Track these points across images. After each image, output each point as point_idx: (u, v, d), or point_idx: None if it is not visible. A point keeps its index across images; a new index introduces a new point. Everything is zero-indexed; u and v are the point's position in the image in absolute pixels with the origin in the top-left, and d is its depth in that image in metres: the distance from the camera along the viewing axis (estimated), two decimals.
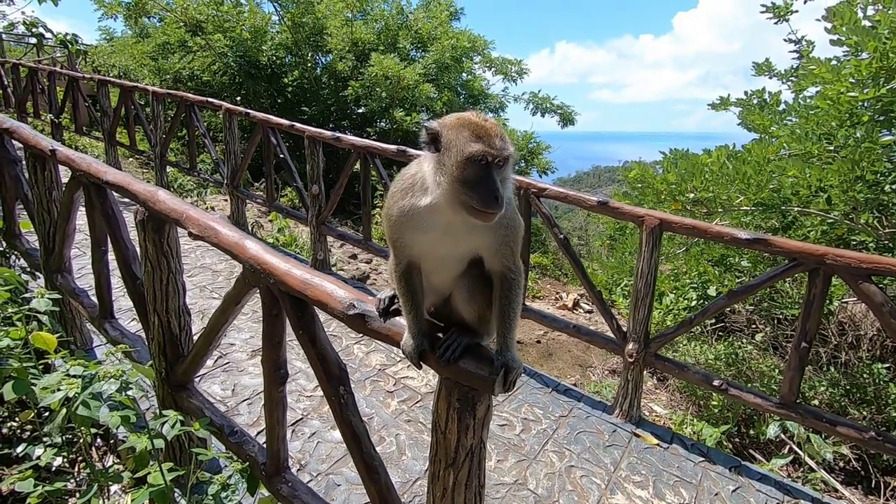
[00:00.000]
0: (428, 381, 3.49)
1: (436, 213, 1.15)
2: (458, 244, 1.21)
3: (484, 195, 1.04)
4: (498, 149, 1.06)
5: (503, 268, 1.22)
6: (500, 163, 1.07)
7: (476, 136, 1.07)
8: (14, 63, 10.15)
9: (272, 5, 10.60)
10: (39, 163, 2.94)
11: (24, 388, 2.30)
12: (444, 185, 1.09)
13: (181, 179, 7.64)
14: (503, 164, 1.09)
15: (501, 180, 1.08)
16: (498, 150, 1.06)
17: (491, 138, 1.07)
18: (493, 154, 1.06)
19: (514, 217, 1.20)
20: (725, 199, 4.47)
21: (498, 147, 1.06)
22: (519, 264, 1.25)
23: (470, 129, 1.08)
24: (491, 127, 1.10)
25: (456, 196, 1.07)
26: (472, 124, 1.09)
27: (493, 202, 1.04)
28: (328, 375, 1.58)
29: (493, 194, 1.04)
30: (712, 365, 4.98)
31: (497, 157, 1.06)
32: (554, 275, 8.96)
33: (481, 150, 1.05)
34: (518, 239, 1.22)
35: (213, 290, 4.38)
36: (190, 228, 1.86)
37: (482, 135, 1.07)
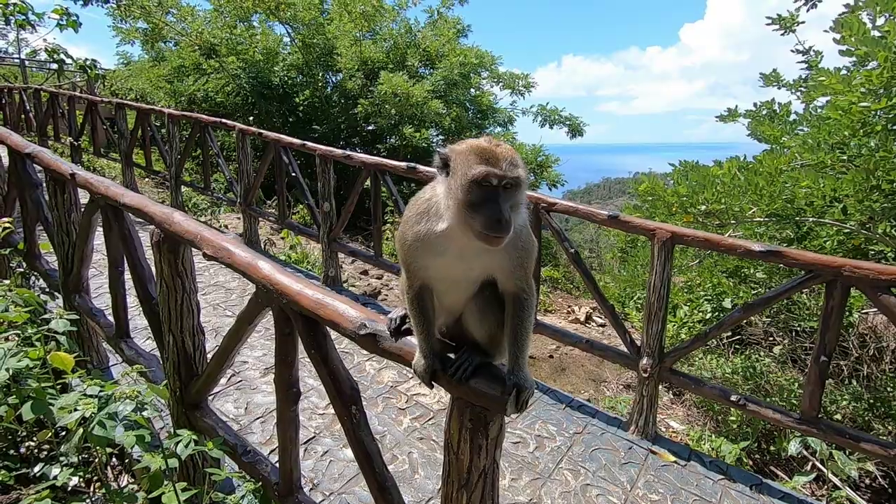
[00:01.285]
0: (440, 398, 3.47)
1: (450, 237, 1.15)
2: (471, 267, 1.20)
3: (488, 219, 1.03)
4: (503, 171, 1.05)
5: (517, 289, 1.22)
6: (507, 185, 1.06)
7: (482, 159, 1.07)
8: (36, 88, 10.48)
9: (284, 27, 10.86)
10: (59, 186, 3.02)
11: (43, 408, 2.33)
12: (453, 208, 1.09)
13: (196, 198, 7.78)
14: (512, 188, 1.07)
15: (512, 205, 1.07)
16: (503, 172, 1.05)
17: (497, 161, 1.06)
18: (498, 176, 1.05)
19: (528, 239, 1.20)
20: (738, 210, 4.43)
21: (503, 169, 1.05)
22: (531, 284, 1.25)
23: (477, 153, 1.08)
24: (500, 151, 1.09)
25: (463, 219, 1.07)
26: (480, 148, 1.09)
27: (497, 225, 1.02)
28: (340, 395, 1.58)
29: (496, 217, 1.02)
30: (729, 379, 4.89)
31: (503, 180, 1.05)
32: (565, 288, 8.90)
33: (485, 171, 1.05)
34: (532, 260, 1.22)
35: (227, 308, 4.43)
36: (204, 249, 1.89)
37: (488, 158, 1.07)
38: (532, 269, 1.24)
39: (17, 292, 2.89)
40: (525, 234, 1.18)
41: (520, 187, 1.09)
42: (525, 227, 1.19)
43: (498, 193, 1.05)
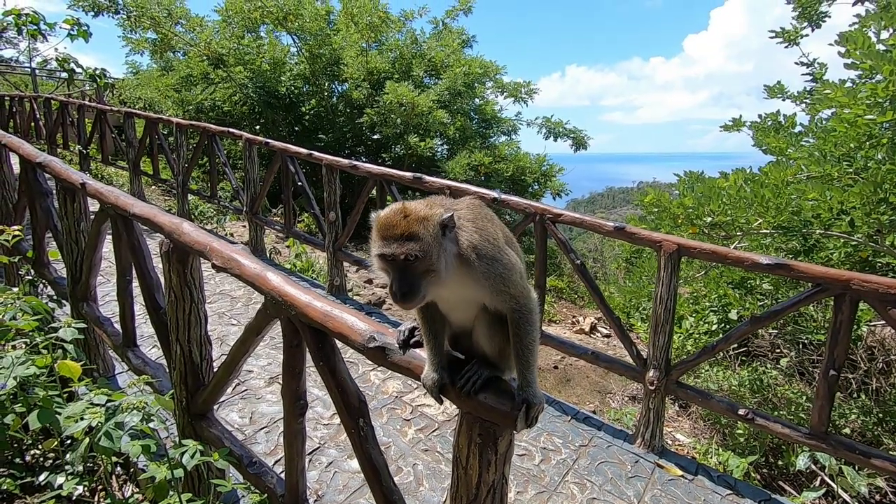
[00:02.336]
0: (445, 409, 3.46)
1: None
2: (454, 293, 1.21)
3: (392, 289, 1.08)
4: (394, 250, 1.06)
5: (508, 308, 1.22)
6: (406, 259, 1.07)
7: (380, 237, 1.10)
8: (46, 97, 10.62)
9: (291, 38, 10.97)
10: (70, 195, 3.05)
11: (49, 417, 2.34)
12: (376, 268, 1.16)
13: (202, 207, 7.83)
14: (415, 260, 1.07)
15: (423, 271, 1.08)
16: (393, 252, 1.06)
17: (392, 239, 1.08)
18: (386, 253, 1.07)
19: (496, 264, 1.18)
20: (744, 222, 4.43)
21: (391, 247, 1.07)
22: (526, 300, 1.22)
23: (379, 229, 1.11)
24: (398, 226, 1.08)
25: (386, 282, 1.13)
26: (382, 224, 1.11)
27: (395, 297, 1.07)
28: (348, 407, 1.58)
29: (394, 290, 1.07)
30: (736, 392, 4.84)
31: (396, 255, 1.06)
32: (570, 298, 8.88)
33: (380, 252, 1.09)
34: (511, 279, 1.19)
35: (232, 317, 4.44)
36: (213, 260, 1.90)
37: (385, 236, 1.09)
38: (520, 286, 1.21)
39: (26, 300, 2.91)
40: (498, 261, 1.18)
41: (424, 258, 1.08)
42: (498, 254, 1.18)
43: (397, 266, 1.08)
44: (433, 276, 1.10)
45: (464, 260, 1.16)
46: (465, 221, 1.20)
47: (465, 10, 12.15)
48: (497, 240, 1.21)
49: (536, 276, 3.68)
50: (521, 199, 3.72)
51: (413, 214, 1.10)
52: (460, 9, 12.12)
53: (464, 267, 1.16)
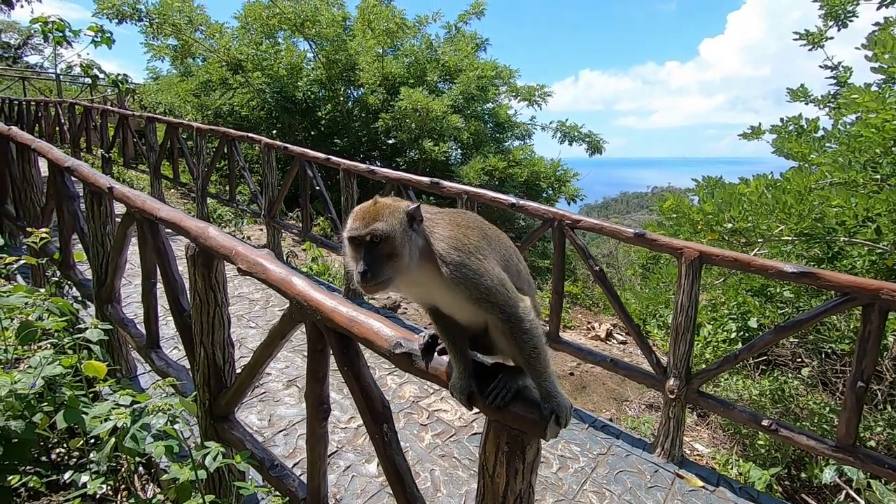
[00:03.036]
0: (461, 414, 3.45)
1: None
2: (434, 297, 1.25)
3: (357, 271, 1.14)
4: (357, 229, 1.15)
5: (495, 319, 1.21)
6: (371, 240, 1.13)
7: (350, 222, 1.18)
8: (71, 102, 10.88)
9: (307, 43, 11.11)
10: (96, 199, 3.11)
11: (76, 416, 2.39)
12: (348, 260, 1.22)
13: (220, 210, 7.94)
14: (380, 241, 1.13)
15: (388, 255, 1.14)
16: (356, 231, 1.15)
17: (355, 221, 1.16)
18: (353, 234, 1.15)
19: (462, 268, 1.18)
20: (765, 228, 4.35)
21: (357, 227, 1.15)
22: (513, 309, 1.20)
23: (350, 216, 1.19)
24: (366, 209, 1.18)
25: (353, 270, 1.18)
26: (354, 212, 1.19)
27: (360, 277, 1.13)
28: (372, 413, 1.58)
29: (359, 270, 1.13)
30: (757, 401, 4.75)
31: (361, 236, 1.14)
32: (585, 304, 8.81)
33: (347, 234, 1.17)
34: (483, 285, 1.18)
35: (251, 319, 4.48)
36: (239, 264, 1.93)
37: (354, 220, 1.17)
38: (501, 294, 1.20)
39: (53, 301, 2.98)
40: (465, 266, 1.18)
41: (388, 239, 1.14)
42: (465, 259, 1.19)
43: (363, 248, 1.14)
44: (397, 260, 1.15)
45: (432, 260, 1.19)
46: (440, 227, 1.24)
47: (477, 13, 12.19)
48: (467, 245, 1.21)
49: (554, 282, 3.66)
50: (538, 204, 3.70)
51: (381, 203, 1.20)
52: (473, 12, 12.16)
53: (432, 267, 1.19)
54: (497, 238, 1.33)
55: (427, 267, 1.20)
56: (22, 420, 2.39)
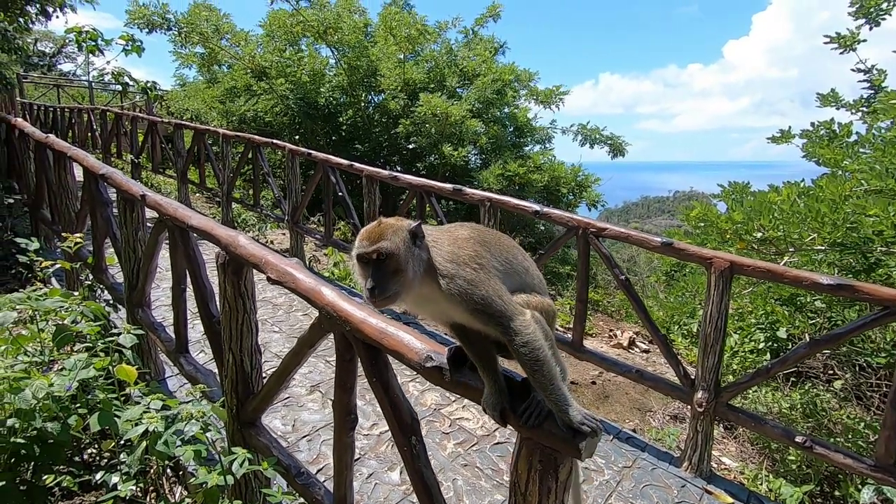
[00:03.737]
0: (483, 423, 3.43)
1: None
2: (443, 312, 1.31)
3: (366, 287, 1.21)
4: (364, 248, 1.22)
5: (496, 333, 1.22)
6: (377, 258, 1.20)
7: (358, 242, 1.25)
8: (103, 109, 11.23)
9: (330, 50, 11.26)
10: (129, 205, 3.20)
11: (109, 419, 2.44)
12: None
13: (244, 214, 8.08)
14: (385, 259, 1.20)
15: (393, 271, 1.21)
16: (364, 249, 1.22)
17: (362, 241, 1.24)
18: (361, 252, 1.22)
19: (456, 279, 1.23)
20: (797, 237, 4.23)
21: (364, 246, 1.22)
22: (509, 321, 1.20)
23: (358, 237, 1.26)
24: (371, 230, 1.25)
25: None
26: (361, 233, 1.27)
27: (369, 293, 1.20)
28: (400, 424, 1.58)
29: (367, 287, 1.20)
30: (787, 415, 4.61)
31: (368, 254, 1.21)
32: (606, 311, 8.68)
33: (356, 253, 1.24)
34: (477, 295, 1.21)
35: (274, 324, 4.54)
36: (269, 273, 1.95)
37: (362, 240, 1.24)
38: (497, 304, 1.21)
39: (86, 304, 3.06)
40: (459, 276, 1.23)
41: (392, 256, 1.21)
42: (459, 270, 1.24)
43: (371, 266, 1.21)
44: (402, 276, 1.21)
45: (433, 275, 1.25)
46: (440, 242, 1.29)
47: (493, 16, 12.19)
48: (461, 257, 1.26)
49: (578, 290, 3.62)
50: (562, 212, 3.67)
51: (386, 223, 1.27)
52: (489, 15, 12.17)
53: (434, 282, 1.25)
54: (497, 244, 1.37)
55: (430, 282, 1.25)
56: (57, 422, 2.47)
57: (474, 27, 12.27)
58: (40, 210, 5.46)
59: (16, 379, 2.43)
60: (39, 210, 5.48)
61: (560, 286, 9.23)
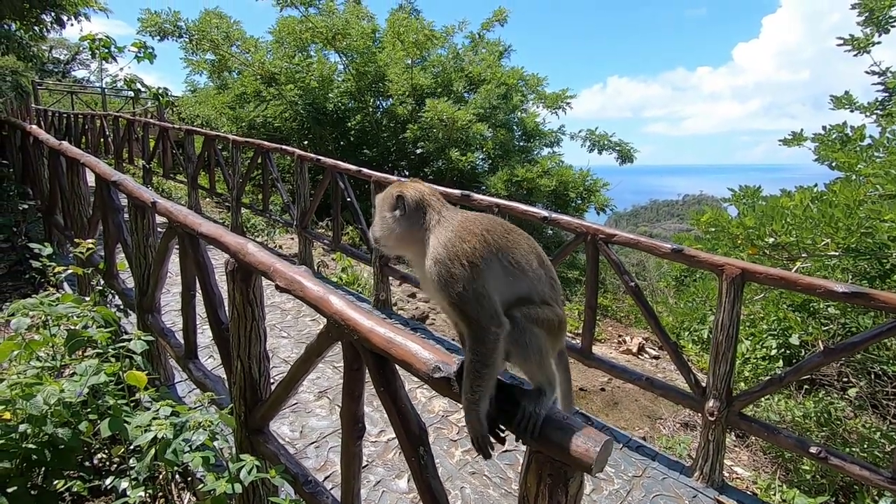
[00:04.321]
0: None
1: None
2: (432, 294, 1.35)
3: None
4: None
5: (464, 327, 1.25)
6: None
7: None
8: (115, 116, 11.38)
9: (338, 56, 11.34)
10: (140, 212, 3.23)
11: (119, 425, 2.46)
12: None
13: (254, 220, 8.13)
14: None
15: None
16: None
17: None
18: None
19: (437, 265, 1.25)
20: (809, 243, 4.17)
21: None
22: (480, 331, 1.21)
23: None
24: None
25: None
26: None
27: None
28: (408, 434, 1.57)
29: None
30: (801, 424, 4.53)
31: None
32: (615, 316, 8.62)
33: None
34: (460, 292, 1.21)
35: (282, 329, 4.55)
36: (277, 281, 1.95)
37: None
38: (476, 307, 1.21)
39: (98, 310, 3.09)
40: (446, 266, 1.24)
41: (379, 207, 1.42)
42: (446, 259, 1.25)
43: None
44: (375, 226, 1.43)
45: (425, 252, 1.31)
46: (446, 226, 1.30)
47: (500, 20, 12.20)
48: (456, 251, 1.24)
49: (587, 297, 3.59)
50: (571, 218, 3.65)
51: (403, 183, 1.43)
52: (495, 20, 12.19)
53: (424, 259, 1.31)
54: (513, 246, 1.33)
55: (422, 260, 1.31)
56: (69, 427, 2.48)
57: (481, 31, 12.28)
58: (53, 215, 5.54)
59: (28, 385, 2.46)
60: (53, 215, 5.56)
61: (568, 291, 9.18)
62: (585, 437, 1.13)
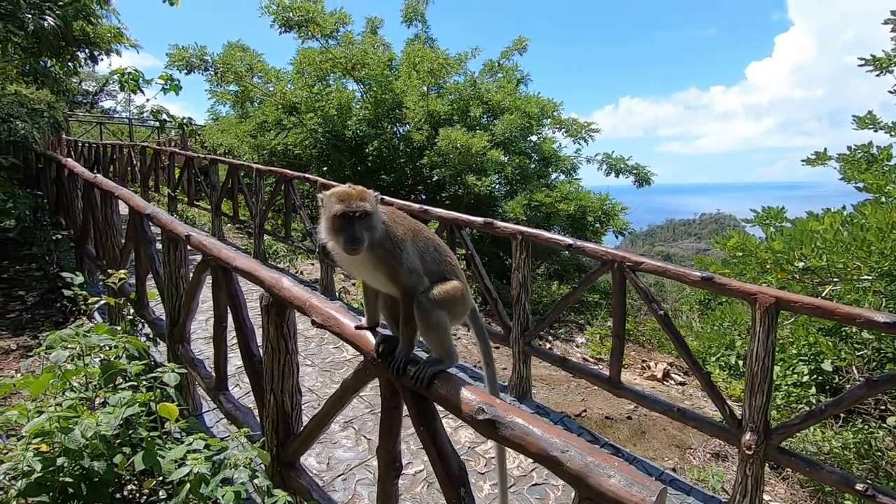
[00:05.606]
0: (520, 462, 3.34)
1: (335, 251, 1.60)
2: (363, 273, 1.66)
3: (343, 240, 1.49)
4: (350, 207, 1.49)
5: (405, 288, 1.60)
6: (359, 216, 1.48)
7: (338, 202, 1.50)
8: (143, 146, 11.77)
9: (356, 84, 11.63)
10: (173, 244, 3.31)
11: (152, 459, 2.47)
12: (327, 232, 1.56)
13: (275, 246, 8.25)
14: (363, 217, 1.49)
15: (367, 227, 1.51)
16: (349, 208, 1.48)
17: (345, 200, 1.49)
18: (345, 211, 1.48)
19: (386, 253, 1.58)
20: (841, 267, 4.08)
21: (350, 206, 1.49)
22: (413, 287, 1.61)
23: (335, 198, 1.51)
24: (349, 192, 1.52)
25: (334, 240, 1.54)
26: (337, 194, 1.52)
27: (350, 242, 1.48)
28: (448, 475, 1.56)
29: (347, 237, 1.48)
30: (840, 456, 4.36)
31: (353, 212, 1.48)
32: (637, 340, 8.46)
33: (340, 211, 1.49)
34: (398, 264, 1.58)
35: (307, 357, 4.57)
36: (313, 317, 1.97)
37: (342, 200, 1.50)
38: (407, 274, 1.60)
39: (129, 340, 3.14)
40: (385, 243, 1.58)
41: (368, 215, 1.51)
42: (384, 240, 1.58)
43: (352, 222, 1.49)
44: (373, 231, 1.53)
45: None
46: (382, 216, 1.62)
47: (519, 49, 12.39)
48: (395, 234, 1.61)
49: (615, 326, 3.55)
50: (596, 246, 3.64)
51: (360, 188, 1.56)
52: (515, 48, 12.38)
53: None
54: (420, 232, 1.71)
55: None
56: (103, 460, 2.51)
57: (500, 59, 12.47)
58: (85, 245, 5.70)
59: (65, 418, 2.49)
60: (84, 245, 5.72)
61: (588, 315, 9.06)
62: (640, 485, 1.10)
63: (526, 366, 4.14)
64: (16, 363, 4.72)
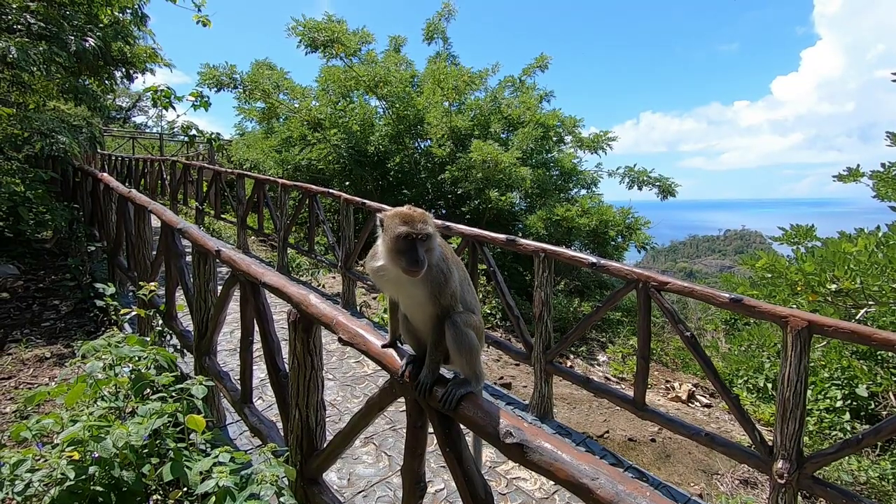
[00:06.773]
0: (542, 484, 3.29)
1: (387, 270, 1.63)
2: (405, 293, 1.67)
3: (406, 261, 1.51)
4: (415, 229, 1.53)
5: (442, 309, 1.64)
6: (422, 238, 1.53)
7: (402, 223, 1.54)
8: (173, 161, 12.16)
9: (378, 100, 11.85)
10: (203, 258, 3.40)
11: (180, 470, 2.52)
12: (386, 252, 1.58)
13: (298, 259, 8.38)
14: (426, 239, 1.54)
15: (427, 249, 1.55)
16: (415, 230, 1.52)
17: (410, 222, 1.54)
18: (411, 233, 1.52)
19: (439, 273, 1.62)
20: (876, 289, 3.95)
21: (415, 228, 1.53)
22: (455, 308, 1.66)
23: (399, 219, 1.55)
24: (413, 215, 1.56)
25: (393, 260, 1.55)
26: (401, 215, 1.57)
27: (412, 264, 1.51)
28: (474, 498, 1.55)
29: (411, 259, 1.51)
30: (877, 486, 4.17)
31: (418, 234, 1.52)
32: (661, 360, 8.28)
33: (404, 232, 1.52)
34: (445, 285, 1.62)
35: (327, 371, 4.60)
36: (340, 334, 2.00)
37: (407, 222, 1.54)
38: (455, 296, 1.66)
39: (158, 351, 3.23)
40: (437, 270, 1.61)
41: (430, 238, 1.57)
42: (438, 266, 1.61)
43: (415, 244, 1.52)
44: (432, 253, 1.57)
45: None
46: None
47: (541, 66, 12.48)
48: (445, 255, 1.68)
49: (640, 347, 3.49)
50: (620, 265, 3.61)
51: (420, 211, 1.61)
52: (537, 66, 12.48)
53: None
54: (458, 260, 1.80)
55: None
56: (132, 470, 2.56)
57: (522, 76, 12.58)
58: (118, 257, 5.89)
59: (97, 427, 2.56)
60: (117, 257, 5.91)
61: (611, 333, 8.92)
62: None
63: (548, 384, 4.10)
64: (49, 371, 4.87)
